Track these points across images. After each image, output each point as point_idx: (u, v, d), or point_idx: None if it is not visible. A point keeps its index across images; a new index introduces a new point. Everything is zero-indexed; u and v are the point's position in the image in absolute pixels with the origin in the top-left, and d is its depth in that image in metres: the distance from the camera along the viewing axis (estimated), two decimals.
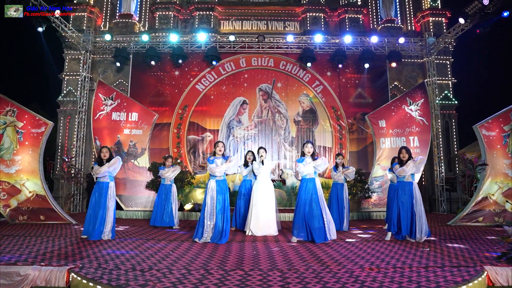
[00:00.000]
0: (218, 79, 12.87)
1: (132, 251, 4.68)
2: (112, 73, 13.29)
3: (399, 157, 6.23)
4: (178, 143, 12.48)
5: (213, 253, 4.62)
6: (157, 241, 5.60)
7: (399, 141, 10.40)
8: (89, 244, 5.20)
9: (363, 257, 4.38)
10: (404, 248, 5.07)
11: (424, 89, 10.64)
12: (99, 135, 10.25)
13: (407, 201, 5.89)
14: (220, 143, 5.84)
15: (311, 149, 5.90)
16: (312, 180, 5.78)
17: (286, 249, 4.97)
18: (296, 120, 12.88)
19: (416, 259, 4.20)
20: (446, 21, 13.75)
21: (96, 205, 5.82)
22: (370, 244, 5.42)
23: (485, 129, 8.14)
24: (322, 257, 4.34)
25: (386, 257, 4.33)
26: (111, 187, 6.02)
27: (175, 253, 4.61)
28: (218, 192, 5.57)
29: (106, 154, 6.07)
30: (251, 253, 4.57)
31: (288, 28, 13.82)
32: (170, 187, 7.79)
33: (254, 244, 5.41)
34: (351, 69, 13.01)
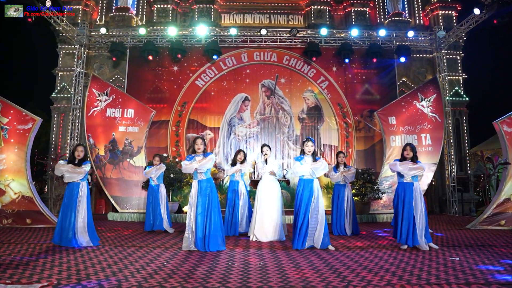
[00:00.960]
0: (219, 75, 12.31)
1: (121, 262, 4.11)
2: (108, 69, 12.74)
3: (403, 154, 5.60)
4: (176, 141, 11.92)
5: (214, 263, 4.06)
6: (150, 249, 5.02)
7: (410, 139, 9.83)
8: (74, 253, 4.63)
9: (386, 268, 3.81)
10: (424, 256, 4.50)
11: (436, 84, 10.07)
12: (92, 132, 9.69)
13: (406, 204, 5.30)
14: (198, 139, 5.17)
15: (312, 148, 5.26)
16: (311, 182, 5.14)
17: (296, 258, 4.40)
18: (301, 118, 12.31)
19: (450, 272, 3.63)
20: (456, 14, 13.19)
21: (67, 208, 5.23)
22: (386, 252, 4.85)
23: (507, 125, 7.57)
24: (337, 267, 3.78)
25: (413, 269, 3.77)
26: (83, 186, 5.37)
27: (171, 262, 4.05)
28: (200, 193, 4.95)
29: (81, 153, 5.41)
30: (256, 265, 4.00)
31: (292, 22, 13.27)
32: (158, 187, 7.18)
33: (259, 252, 4.84)
34: (358, 64, 12.45)
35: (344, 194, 6.95)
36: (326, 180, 11.67)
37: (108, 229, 7.35)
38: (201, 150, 5.14)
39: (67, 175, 5.26)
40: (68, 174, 5.26)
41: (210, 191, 5.01)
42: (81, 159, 5.43)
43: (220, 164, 11.95)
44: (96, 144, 9.61)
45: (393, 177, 9.87)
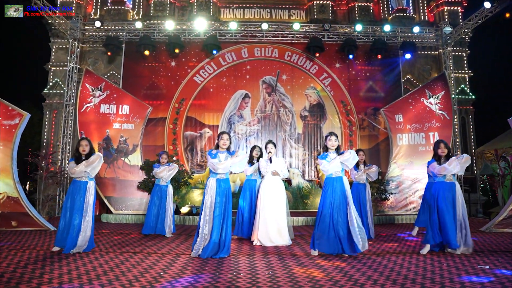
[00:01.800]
0: (218, 71, 11.87)
1: (114, 270, 3.67)
2: (103, 64, 12.26)
3: (437, 152, 5.23)
4: (174, 139, 11.46)
5: (218, 272, 3.63)
6: (145, 256, 4.57)
7: (418, 137, 9.44)
8: (59, 261, 4.17)
9: (419, 280, 3.39)
10: (457, 264, 4.10)
11: (445, 81, 9.69)
12: (85, 129, 9.22)
13: (450, 205, 4.90)
14: (225, 135, 4.74)
15: (335, 143, 4.84)
16: (340, 179, 4.72)
17: (308, 266, 3.98)
18: (303, 115, 11.89)
19: (487, 285, 3.22)
20: (462, 10, 12.82)
21: (72, 210, 4.77)
22: (410, 259, 4.44)
23: None
24: (360, 280, 3.36)
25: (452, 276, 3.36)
26: (90, 187, 4.91)
27: (169, 272, 3.61)
28: (218, 193, 4.49)
29: (86, 148, 4.92)
30: (265, 275, 3.57)
31: (293, 17, 12.84)
32: (166, 188, 6.70)
33: (266, 259, 4.41)
34: (361, 60, 12.05)
35: (365, 194, 6.54)
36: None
37: (102, 232, 6.89)
38: (226, 146, 4.72)
39: (89, 170, 4.82)
40: (90, 168, 4.81)
41: (228, 191, 4.59)
42: (88, 154, 4.93)
43: None
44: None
45: (400, 177, 9.52)
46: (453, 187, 5.03)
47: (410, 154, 9.39)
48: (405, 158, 9.41)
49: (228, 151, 4.74)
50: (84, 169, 4.79)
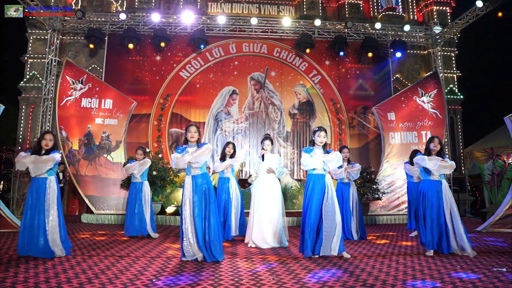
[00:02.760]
0: (205, 66, 11.48)
1: (100, 277, 3.28)
2: (84, 57, 11.68)
3: (429, 147, 4.94)
4: (158, 136, 11.01)
5: (217, 278, 3.29)
6: (134, 260, 4.19)
7: (410, 136, 9.33)
8: (35, 267, 3.74)
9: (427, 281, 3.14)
10: (471, 267, 3.88)
11: (437, 79, 9.61)
12: (65, 124, 8.70)
13: (435, 205, 4.68)
14: (192, 127, 4.36)
15: (324, 139, 4.57)
16: (322, 177, 4.47)
17: (314, 269, 3.68)
18: (292, 113, 11.63)
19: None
20: (450, 10, 12.83)
21: (34, 210, 4.29)
22: (419, 260, 4.21)
23: None
24: (366, 278, 3.08)
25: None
26: (51, 182, 4.42)
27: (162, 278, 3.25)
28: (195, 191, 4.13)
29: (50, 143, 4.45)
30: (269, 280, 3.26)
31: (282, 13, 12.57)
32: (141, 185, 6.25)
33: (267, 263, 4.10)
34: (352, 58, 11.89)
35: (349, 193, 6.29)
36: None
37: (80, 233, 6.43)
38: (195, 139, 4.34)
39: (32, 167, 4.32)
40: (33, 165, 4.30)
41: (207, 188, 4.20)
42: (49, 150, 4.44)
43: (205, 162, 11.08)
44: (69, 137, 8.62)
45: (393, 176, 9.38)
46: (440, 186, 4.78)
47: (402, 153, 9.25)
48: (397, 157, 9.28)
49: (198, 144, 4.37)
50: (35, 160, 4.30)
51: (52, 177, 4.49)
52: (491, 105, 14.02)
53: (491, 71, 14.28)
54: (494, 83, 14.27)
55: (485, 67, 13.99)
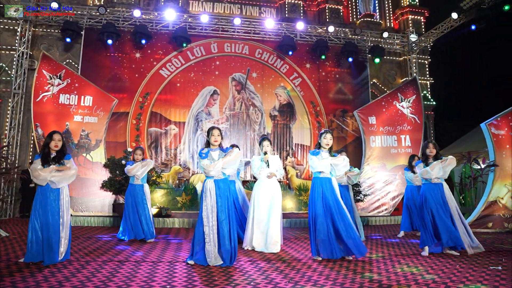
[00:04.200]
0: (186, 65, 11.29)
1: (108, 284, 3.13)
2: (58, 52, 11.15)
3: (425, 152, 5.13)
4: (137, 136, 10.70)
5: (231, 283, 3.23)
6: (136, 265, 4.03)
7: (390, 140, 9.61)
8: (32, 275, 3.52)
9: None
10: (467, 265, 4.03)
11: (416, 85, 9.96)
12: (41, 121, 8.25)
13: (441, 206, 4.86)
14: (215, 130, 4.22)
15: (330, 142, 4.62)
16: (329, 180, 4.51)
17: (329, 274, 3.70)
18: (272, 115, 11.67)
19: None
20: (424, 20, 13.37)
21: (46, 216, 4.02)
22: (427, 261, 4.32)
23: (494, 128, 7.52)
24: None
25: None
26: (64, 189, 4.19)
27: (175, 284, 3.15)
28: (219, 196, 4.04)
29: (59, 143, 4.20)
30: (286, 285, 3.23)
31: (264, 15, 12.60)
32: (142, 188, 6.06)
33: (274, 266, 4.07)
34: (331, 62, 12.10)
35: (349, 197, 6.39)
36: (298, 181, 11.17)
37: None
38: (218, 143, 4.23)
39: (58, 180, 4.06)
40: (58, 179, 4.05)
41: (229, 193, 4.17)
42: (60, 151, 4.20)
43: (186, 162, 10.93)
44: (46, 135, 8.16)
45: (373, 178, 9.61)
46: (441, 188, 4.98)
47: (382, 157, 9.52)
48: (378, 160, 9.53)
49: (221, 148, 4.29)
50: (49, 177, 4.05)
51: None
52: (460, 111, 14.78)
53: (461, 78, 15.06)
54: (464, 89, 15.06)
55: (456, 74, 14.73)
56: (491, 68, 14.86)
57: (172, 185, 10.31)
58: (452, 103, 13.57)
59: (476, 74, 15.32)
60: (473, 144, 10.74)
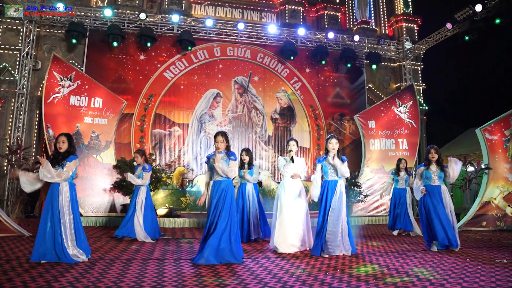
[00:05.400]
0: (190, 68, 11.48)
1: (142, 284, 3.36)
2: (61, 52, 11.13)
3: (427, 157, 5.56)
4: (141, 137, 10.83)
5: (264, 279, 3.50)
6: (160, 269, 4.25)
7: (389, 143, 10.04)
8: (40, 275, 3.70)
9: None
10: (475, 261, 4.41)
11: (413, 92, 10.44)
12: (52, 122, 8.34)
13: (438, 207, 5.27)
14: (218, 136, 4.53)
15: (336, 146, 5.03)
16: (335, 182, 4.98)
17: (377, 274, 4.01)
18: (273, 118, 11.98)
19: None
20: (417, 28, 13.90)
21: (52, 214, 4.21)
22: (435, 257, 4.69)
23: (488, 133, 8.01)
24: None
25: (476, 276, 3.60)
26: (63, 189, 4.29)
27: (204, 278, 3.40)
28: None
29: (63, 145, 4.36)
30: (325, 276, 3.53)
31: (264, 20, 12.90)
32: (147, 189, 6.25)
33: (304, 262, 4.36)
34: (330, 67, 12.49)
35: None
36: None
37: None
38: (221, 149, 4.49)
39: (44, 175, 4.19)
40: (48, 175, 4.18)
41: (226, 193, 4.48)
42: (65, 152, 4.34)
43: (189, 164, 11.11)
44: (56, 136, 8.25)
45: (372, 180, 10.02)
46: (439, 190, 5.37)
47: (381, 159, 9.94)
48: (377, 162, 9.95)
49: (227, 152, 4.55)
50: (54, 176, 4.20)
51: (66, 183, 4.33)
52: (451, 115, 15.47)
53: (452, 84, 15.78)
54: (455, 95, 15.77)
55: (446, 80, 15.42)
56: (480, 75, 15.65)
57: (177, 186, 10.49)
58: (443, 108, 14.27)
59: (466, 81, 16.05)
60: (463, 148, 11.32)
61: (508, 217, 7.87)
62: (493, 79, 15.28)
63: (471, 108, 15.42)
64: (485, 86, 15.64)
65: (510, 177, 7.96)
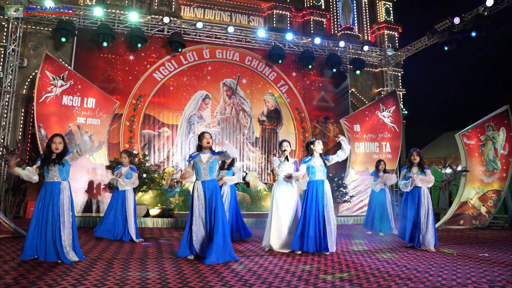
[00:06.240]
0: (179, 69, 11.58)
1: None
2: (47, 50, 10.93)
3: (410, 159, 5.96)
4: (130, 137, 10.84)
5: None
6: (161, 269, 4.43)
7: (373, 146, 10.51)
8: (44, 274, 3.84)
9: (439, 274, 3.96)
10: (452, 259, 4.82)
11: (396, 97, 10.96)
12: (44, 122, 8.28)
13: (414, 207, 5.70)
14: (206, 133, 4.75)
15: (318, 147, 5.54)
16: (322, 182, 5.35)
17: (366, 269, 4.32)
18: (261, 120, 12.24)
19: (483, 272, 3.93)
20: (398, 35, 14.51)
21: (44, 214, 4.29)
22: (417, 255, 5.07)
23: (466, 138, 8.57)
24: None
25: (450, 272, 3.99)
26: (65, 188, 4.40)
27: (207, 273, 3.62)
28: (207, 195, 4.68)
29: (59, 146, 4.41)
30: (334, 269, 3.81)
31: (252, 23, 13.14)
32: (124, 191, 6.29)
33: (305, 258, 4.63)
34: (316, 71, 12.87)
35: None
36: None
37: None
38: (210, 145, 4.74)
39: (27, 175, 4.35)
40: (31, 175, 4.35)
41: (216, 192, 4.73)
42: (61, 154, 4.39)
43: (178, 164, 11.21)
44: (49, 136, 8.16)
45: (357, 181, 10.45)
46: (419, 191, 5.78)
47: (365, 161, 10.39)
48: (361, 164, 10.39)
49: (212, 152, 4.75)
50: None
51: (66, 182, 4.44)
52: (428, 119, 16.25)
53: (430, 90, 16.61)
54: (432, 99, 16.61)
55: (425, 85, 16.25)
56: (456, 81, 16.58)
57: (166, 186, 10.58)
58: (420, 112, 14.98)
59: (443, 87, 16.89)
60: (441, 151, 11.96)
61: (482, 216, 8.48)
62: (468, 87, 16.20)
63: (447, 113, 16.28)
64: (460, 93, 16.56)
65: (485, 179, 8.56)
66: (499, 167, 8.69)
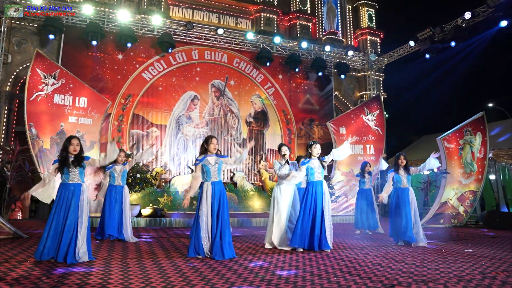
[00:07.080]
0: (168, 69, 11.62)
1: None
2: (32, 47, 10.76)
3: (397, 163, 6.34)
4: (119, 137, 10.79)
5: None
6: (161, 269, 4.58)
7: (357, 148, 10.91)
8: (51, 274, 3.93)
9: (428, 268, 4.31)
10: (436, 254, 5.19)
11: (379, 101, 11.41)
12: (35, 121, 8.13)
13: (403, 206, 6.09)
14: (214, 139, 4.94)
15: (320, 151, 5.73)
16: (320, 183, 5.61)
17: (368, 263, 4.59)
18: (248, 121, 12.45)
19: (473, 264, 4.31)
20: (380, 41, 15.07)
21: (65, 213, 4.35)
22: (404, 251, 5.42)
23: (447, 142, 9.09)
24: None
25: (437, 265, 4.35)
26: (85, 190, 4.53)
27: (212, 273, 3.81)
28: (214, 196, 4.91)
29: (77, 148, 4.49)
30: (340, 265, 4.07)
31: (240, 25, 13.32)
32: (122, 189, 6.39)
33: (309, 255, 4.87)
34: (301, 74, 13.20)
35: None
36: (270, 183, 12.06)
37: None
38: (216, 150, 4.98)
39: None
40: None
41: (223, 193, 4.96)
42: (78, 156, 4.49)
43: (166, 164, 11.24)
44: (40, 135, 8.09)
45: (343, 182, 10.83)
46: (407, 192, 6.19)
47: (351, 163, 10.77)
48: (347, 166, 10.77)
49: (217, 155, 4.96)
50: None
51: (84, 184, 4.55)
52: (406, 123, 16.96)
53: (409, 94, 17.33)
54: (409, 103, 17.36)
55: (402, 90, 16.91)
56: (433, 88, 17.42)
57: (155, 187, 10.59)
58: (399, 116, 15.68)
59: (422, 92, 17.72)
60: (419, 153, 12.53)
61: (460, 215, 9.03)
62: (444, 93, 17.06)
63: (424, 117, 17.07)
64: (436, 99, 17.44)
65: (463, 180, 9.11)
66: (475, 170, 9.27)
